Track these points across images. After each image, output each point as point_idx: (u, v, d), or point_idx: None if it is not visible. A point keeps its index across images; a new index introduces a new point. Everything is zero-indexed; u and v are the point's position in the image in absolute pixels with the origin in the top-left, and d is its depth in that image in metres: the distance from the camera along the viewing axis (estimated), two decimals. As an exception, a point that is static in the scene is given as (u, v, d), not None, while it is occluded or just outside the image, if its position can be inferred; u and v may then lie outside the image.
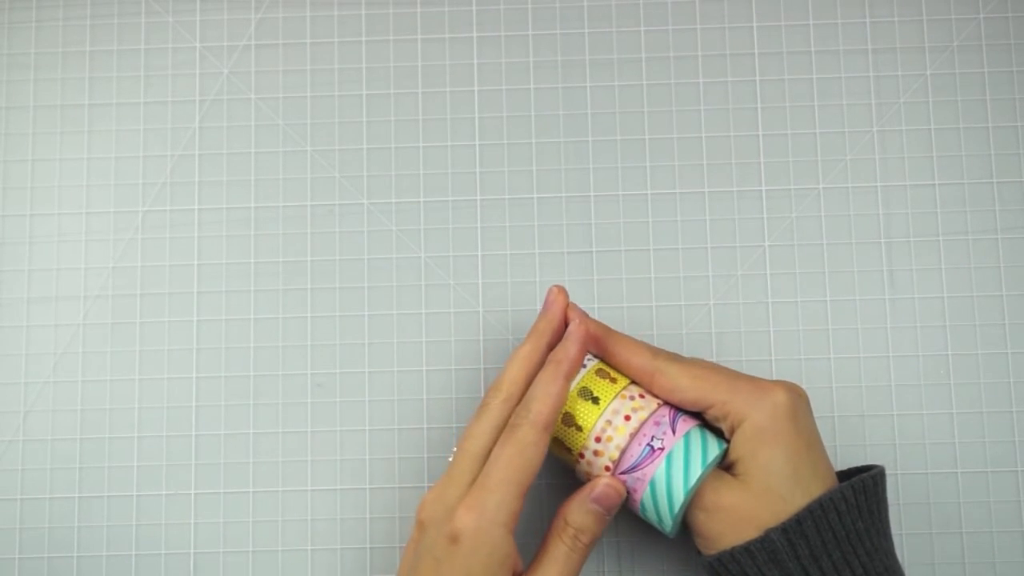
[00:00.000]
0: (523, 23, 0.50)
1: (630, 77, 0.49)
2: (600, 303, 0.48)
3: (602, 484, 0.40)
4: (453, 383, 0.48)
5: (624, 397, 0.41)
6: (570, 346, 0.41)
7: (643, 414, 0.40)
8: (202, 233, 0.49)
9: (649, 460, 0.39)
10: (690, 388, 0.41)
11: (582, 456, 0.41)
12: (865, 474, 0.40)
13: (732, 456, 0.40)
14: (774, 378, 0.44)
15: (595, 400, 0.40)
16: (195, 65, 0.50)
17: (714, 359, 0.47)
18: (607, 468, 0.40)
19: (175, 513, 0.47)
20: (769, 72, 0.49)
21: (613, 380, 0.41)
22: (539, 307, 0.48)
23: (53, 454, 0.47)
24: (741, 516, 0.39)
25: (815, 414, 0.42)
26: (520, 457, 0.38)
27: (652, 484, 0.39)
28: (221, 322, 0.48)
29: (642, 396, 0.41)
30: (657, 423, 0.40)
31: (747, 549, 0.38)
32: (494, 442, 0.40)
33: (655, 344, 0.43)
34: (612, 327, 0.43)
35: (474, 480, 0.39)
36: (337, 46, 0.50)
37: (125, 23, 0.50)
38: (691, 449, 0.39)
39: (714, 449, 0.40)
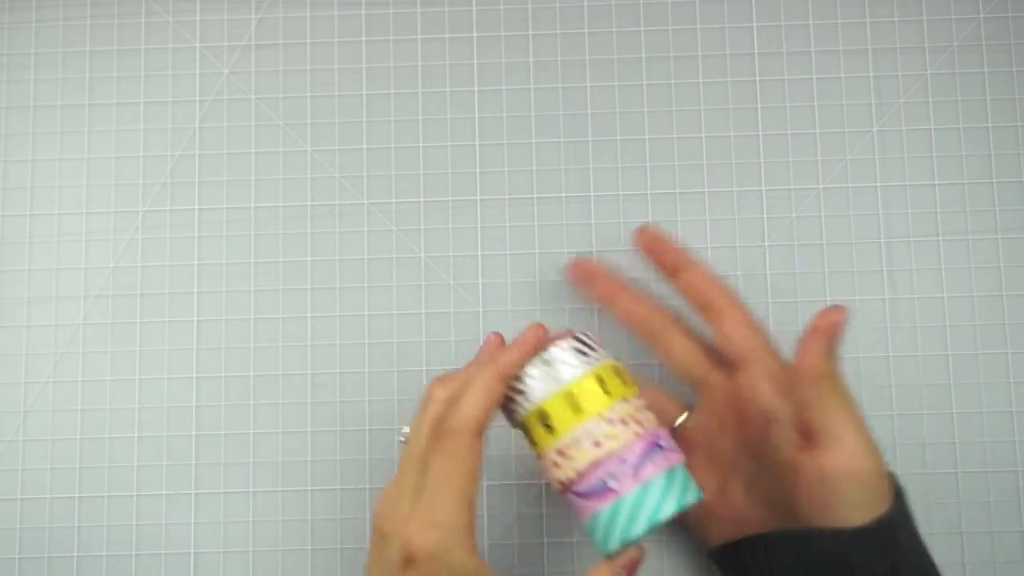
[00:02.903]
0: (523, 23, 0.50)
1: (630, 77, 0.49)
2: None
3: (629, 554, 0.39)
4: (453, 383, 0.48)
5: (603, 419, 0.38)
6: (514, 350, 0.39)
7: (613, 444, 0.38)
8: (202, 233, 0.49)
9: (599, 497, 0.38)
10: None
11: (541, 457, 0.40)
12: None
13: None
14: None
15: (576, 409, 0.39)
16: (195, 65, 0.50)
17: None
18: (560, 483, 0.39)
19: (175, 513, 0.47)
20: (769, 72, 0.49)
21: (608, 392, 0.39)
22: (539, 308, 0.48)
23: (53, 454, 0.47)
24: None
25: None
26: (458, 468, 0.37)
27: (594, 519, 0.38)
28: (221, 322, 0.48)
29: (623, 423, 0.39)
30: (623, 460, 0.38)
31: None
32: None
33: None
34: (616, 327, 0.43)
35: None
36: (337, 46, 0.50)
37: (125, 23, 0.50)
38: (643, 502, 0.38)
39: (666, 511, 0.38)
